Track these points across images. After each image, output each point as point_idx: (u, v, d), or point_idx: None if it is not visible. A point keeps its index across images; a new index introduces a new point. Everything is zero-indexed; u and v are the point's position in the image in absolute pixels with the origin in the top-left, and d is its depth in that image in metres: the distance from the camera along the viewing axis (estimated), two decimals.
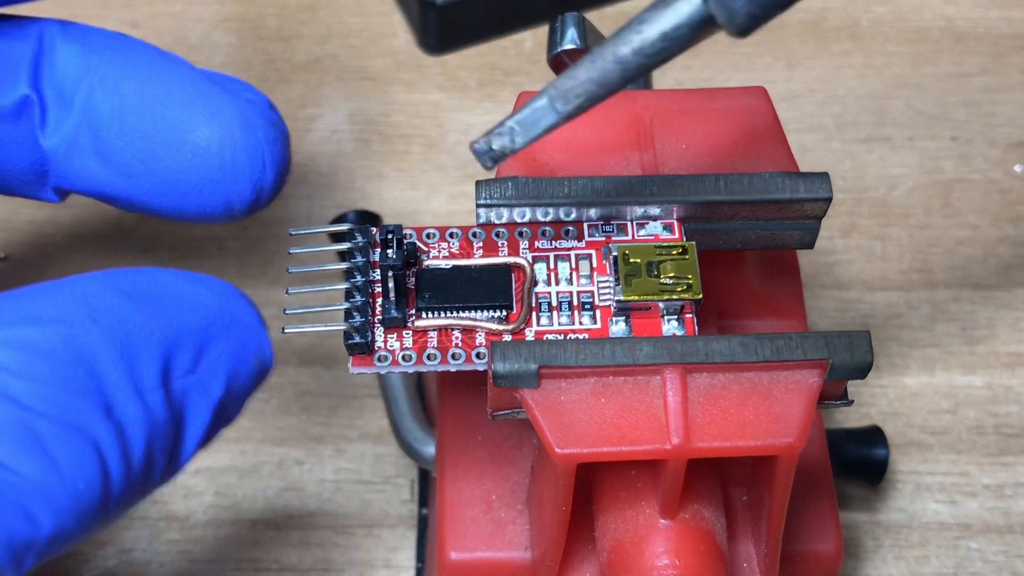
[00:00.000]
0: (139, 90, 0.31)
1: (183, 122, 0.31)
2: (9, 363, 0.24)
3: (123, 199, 0.32)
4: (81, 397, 0.25)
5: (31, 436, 0.24)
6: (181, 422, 0.27)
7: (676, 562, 0.30)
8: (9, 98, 0.31)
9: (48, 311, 0.25)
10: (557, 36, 0.35)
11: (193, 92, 0.31)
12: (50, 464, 0.24)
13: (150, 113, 0.31)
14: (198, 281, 0.28)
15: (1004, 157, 0.49)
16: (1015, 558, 0.41)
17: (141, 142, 0.31)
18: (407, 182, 0.49)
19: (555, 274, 0.31)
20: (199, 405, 0.27)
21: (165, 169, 0.31)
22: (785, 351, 0.29)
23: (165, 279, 0.27)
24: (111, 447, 0.25)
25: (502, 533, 0.34)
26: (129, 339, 0.26)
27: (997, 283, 0.46)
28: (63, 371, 0.25)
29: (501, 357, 0.28)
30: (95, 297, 0.26)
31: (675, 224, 0.31)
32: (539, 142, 0.32)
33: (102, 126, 0.31)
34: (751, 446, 0.28)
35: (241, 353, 0.28)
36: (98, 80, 0.31)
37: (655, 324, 0.30)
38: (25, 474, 0.23)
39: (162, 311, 0.27)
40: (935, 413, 0.44)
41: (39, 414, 0.24)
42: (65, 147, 0.32)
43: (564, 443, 0.28)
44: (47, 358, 0.25)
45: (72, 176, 0.32)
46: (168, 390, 0.26)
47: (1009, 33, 0.53)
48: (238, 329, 0.28)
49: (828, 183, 0.31)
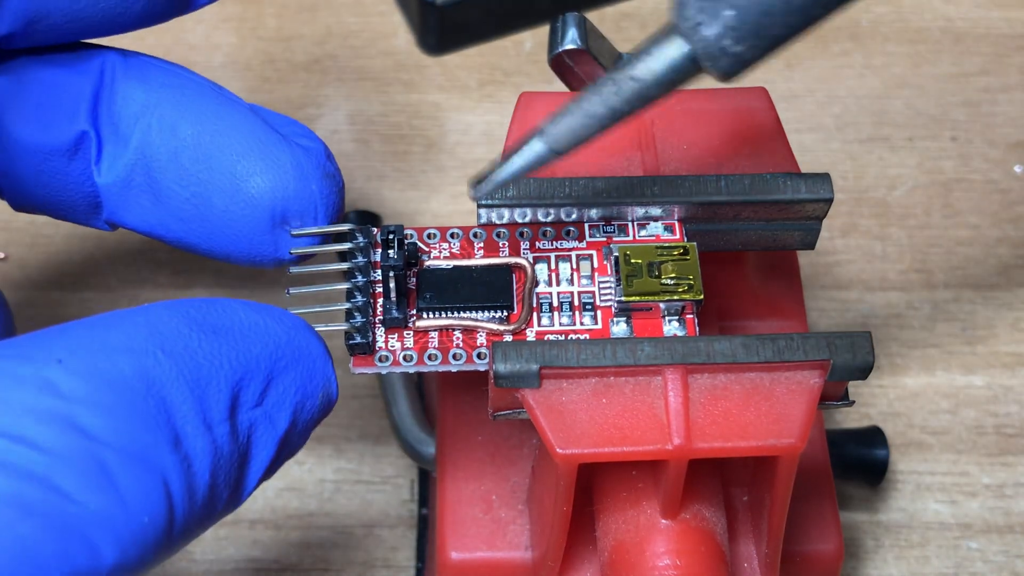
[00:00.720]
0: (196, 133, 0.31)
1: (238, 170, 0.31)
2: (80, 393, 0.24)
3: (173, 239, 0.32)
4: (150, 430, 0.24)
5: (99, 467, 0.23)
6: (247, 455, 0.27)
7: (677, 562, 0.30)
8: (68, 134, 0.31)
9: (120, 340, 0.25)
10: (558, 36, 0.35)
11: (250, 139, 0.31)
12: (116, 496, 0.24)
13: (206, 158, 0.31)
14: (267, 313, 0.28)
15: (1004, 157, 0.49)
16: (1015, 558, 0.41)
17: (196, 187, 0.31)
18: (407, 182, 0.49)
19: (556, 274, 0.31)
20: (265, 438, 0.27)
21: (218, 215, 0.31)
22: (786, 352, 0.29)
23: (235, 310, 0.27)
24: (177, 480, 0.25)
25: (502, 533, 0.34)
26: (199, 371, 0.26)
27: (997, 283, 0.46)
28: (133, 402, 0.24)
29: (502, 357, 0.28)
30: (167, 327, 0.26)
31: (676, 224, 0.31)
32: None
33: (157, 167, 0.31)
34: (752, 447, 0.28)
35: (308, 387, 0.28)
36: (156, 119, 0.31)
37: (656, 324, 0.30)
38: (91, 506, 0.23)
39: (232, 343, 0.26)
40: (935, 413, 0.44)
41: (108, 445, 0.24)
42: (119, 185, 0.32)
43: (565, 443, 0.28)
44: (118, 389, 0.24)
45: (124, 213, 0.32)
46: (235, 423, 0.26)
47: (1009, 33, 0.53)
48: (305, 362, 0.28)
49: (829, 184, 0.31)
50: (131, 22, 0.31)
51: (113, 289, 0.46)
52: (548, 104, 0.33)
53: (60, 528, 0.23)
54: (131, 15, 0.31)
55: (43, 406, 0.23)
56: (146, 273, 0.46)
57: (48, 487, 0.23)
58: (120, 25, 0.31)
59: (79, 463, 0.23)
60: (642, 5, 0.54)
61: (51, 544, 0.23)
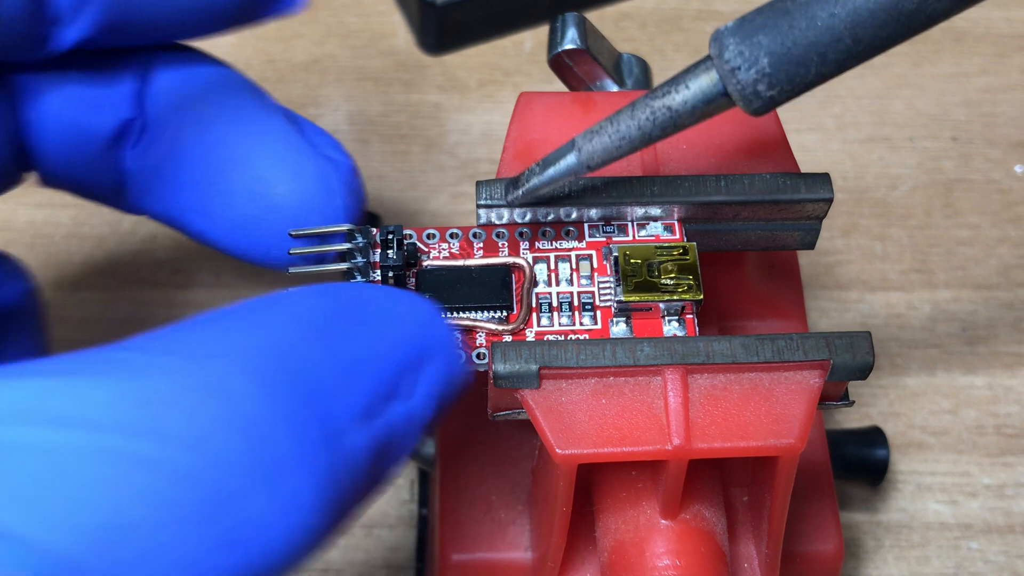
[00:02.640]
0: (228, 132, 0.31)
1: (266, 175, 0.31)
2: (238, 386, 0.23)
3: (194, 232, 0.32)
4: (316, 425, 0.23)
5: (271, 468, 0.22)
6: (396, 445, 0.26)
7: (677, 562, 0.30)
8: (114, 120, 0.31)
9: (277, 332, 0.24)
10: (557, 36, 0.35)
11: (282, 146, 0.31)
12: (274, 493, 0.22)
13: (235, 158, 0.31)
14: (409, 299, 0.27)
15: (1004, 157, 0.49)
16: (1016, 558, 0.41)
17: (221, 185, 0.31)
18: (407, 182, 0.49)
19: (556, 275, 0.31)
20: (411, 430, 0.26)
21: (239, 216, 0.31)
22: (786, 352, 0.29)
23: (380, 296, 0.26)
24: (342, 474, 0.24)
25: (502, 534, 0.34)
26: (358, 362, 0.25)
27: (997, 283, 0.46)
28: (297, 398, 0.23)
29: (502, 358, 0.28)
30: (320, 316, 0.25)
31: (676, 224, 0.31)
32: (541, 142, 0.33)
33: (186, 162, 0.31)
34: (752, 447, 0.28)
35: (450, 373, 0.27)
36: (193, 114, 0.31)
37: (656, 325, 0.30)
38: (249, 502, 0.22)
39: (386, 332, 0.26)
40: (936, 413, 0.44)
41: (276, 446, 0.23)
42: (147, 172, 0.32)
43: (565, 444, 0.28)
44: (279, 384, 0.23)
45: (147, 200, 0.32)
46: (390, 415, 0.25)
47: (1009, 33, 0.53)
48: (448, 348, 0.27)
49: (829, 184, 0.31)
50: (209, 29, 0.31)
51: (113, 289, 0.46)
52: (548, 104, 0.33)
53: (232, 531, 0.22)
54: (209, 22, 0.31)
55: (211, 408, 0.22)
56: (146, 273, 0.46)
57: (220, 491, 0.22)
58: (198, 32, 0.32)
59: (238, 460, 0.22)
60: (642, 5, 0.54)
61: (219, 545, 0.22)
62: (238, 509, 0.22)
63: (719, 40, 0.27)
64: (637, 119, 0.28)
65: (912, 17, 0.26)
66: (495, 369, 0.28)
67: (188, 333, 0.24)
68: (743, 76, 0.26)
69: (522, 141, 0.32)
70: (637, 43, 0.52)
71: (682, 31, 0.53)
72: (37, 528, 0.20)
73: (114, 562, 0.21)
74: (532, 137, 0.33)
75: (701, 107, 0.27)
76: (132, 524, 0.21)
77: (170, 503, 0.21)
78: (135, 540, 0.21)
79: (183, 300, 0.46)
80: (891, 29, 0.26)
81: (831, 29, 0.26)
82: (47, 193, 0.42)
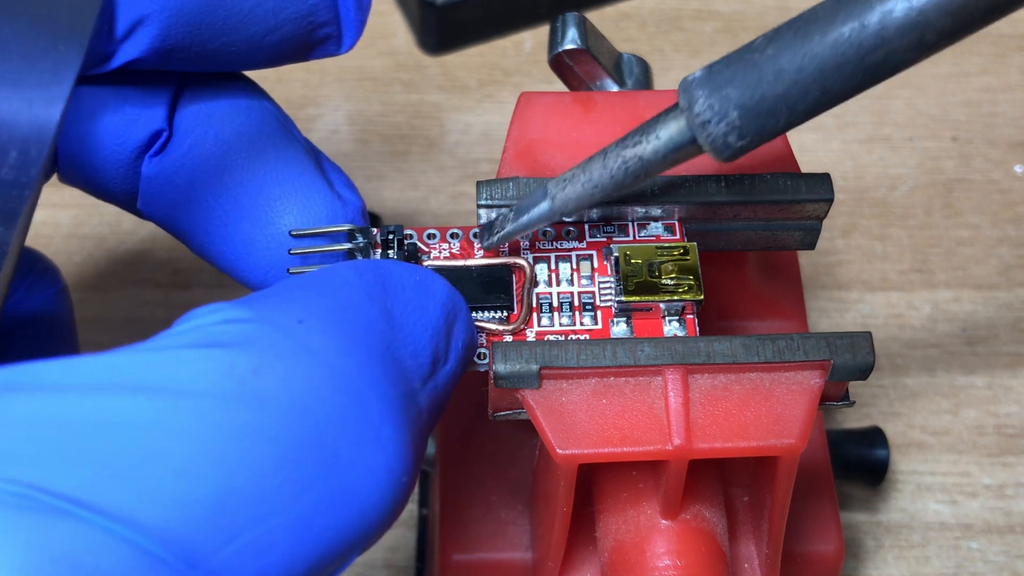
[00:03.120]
0: (246, 156, 0.31)
1: (274, 206, 0.31)
2: (330, 349, 0.23)
3: (193, 245, 0.32)
4: (395, 385, 0.24)
5: (370, 427, 0.23)
6: (441, 405, 0.27)
7: (677, 563, 0.30)
8: (146, 131, 0.31)
9: (344, 300, 0.25)
10: (558, 36, 0.35)
11: (295, 178, 0.31)
12: (373, 450, 0.23)
13: (247, 183, 0.31)
14: (425, 271, 0.28)
15: (1004, 157, 0.49)
16: (1016, 558, 0.41)
17: (228, 206, 0.31)
18: (407, 182, 0.49)
19: (556, 275, 0.31)
20: (449, 389, 0.27)
21: (241, 240, 0.31)
22: (787, 352, 0.29)
23: (403, 269, 0.27)
24: (418, 437, 0.24)
25: (503, 534, 0.34)
26: (411, 326, 0.26)
27: (997, 283, 0.46)
28: (377, 360, 0.24)
29: (502, 358, 0.28)
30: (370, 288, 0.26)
31: (676, 225, 0.31)
32: (541, 142, 0.33)
33: (200, 176, 0.31)
34: (752, 447, 0.28)
35: (469, 338, 0.28)
36: (214, 131, 0.31)
37: (656, 325, 0.30)
38: (352, 460, 0.23)
39: (422, 300, 0.27)
40: (936, 413, 0.44)
41: (370, 405, 0.23)
42: (159, 179, 0.32)
43: (565, 444, 0.28)
44: (362, 347, 0.24)
45: (155, 207, 0.32)
46: (436, 376, 0.26)
47: (1009, 33, 0.53)
48: (464, 312, 0.28)
49: (830, 184, 0.31)
50: (256, 63, 0.32)
51: (113, 289, 0.46)
52: (548, 104, 0.33)
53: (337, 490, 0.22)
54: (259, 59, 0.31)
55: (309, 371, 0.23)
56: (146, 273, 0.46)
57: (325, 450, 0.22)
58: (245, 65, 0.32)
59: (350, 425, 0.23)
60: (642, 5, 0.54)
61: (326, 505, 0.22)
62: (342, 467, 0.23)
63: (688, 92, 0.27)
64: (609, 168, 0.28)
65: (879, 68, 0.26)
66: (496, 369, 0.28)
67: (269, 300, 0.24)
68: (713, 129, 0.27)
69: (523, 141, 0.32)
70: (637, 43, 0.52)
71: (682, 31, 0.53)
72: (144, 506, 0.20)
73: (224, 533, 0.21)
74: (533, 137, 0.32)
75: (672, 156, 0.28)
76: (240, 493, 0.21)
77: (277, 467, 0.22)
78: (244, 509, 0.21)
79: (183, 300, 0.46)
80: (858, 80, 0.26)
81: (799, 83, 0.26)
82: (47, 193, 0.42)
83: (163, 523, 0.20)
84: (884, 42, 0.25)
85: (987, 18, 0.25)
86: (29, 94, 0.24)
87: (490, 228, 0.30)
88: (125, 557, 0.20)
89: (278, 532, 0.22)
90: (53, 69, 0.24)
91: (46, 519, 0.20)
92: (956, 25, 0.25)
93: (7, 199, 0.25)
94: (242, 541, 0.21)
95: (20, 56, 0.24)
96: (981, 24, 0.25)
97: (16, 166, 0.25)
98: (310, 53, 0.32)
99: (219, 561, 0.21)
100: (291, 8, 0.30)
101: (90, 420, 0.21)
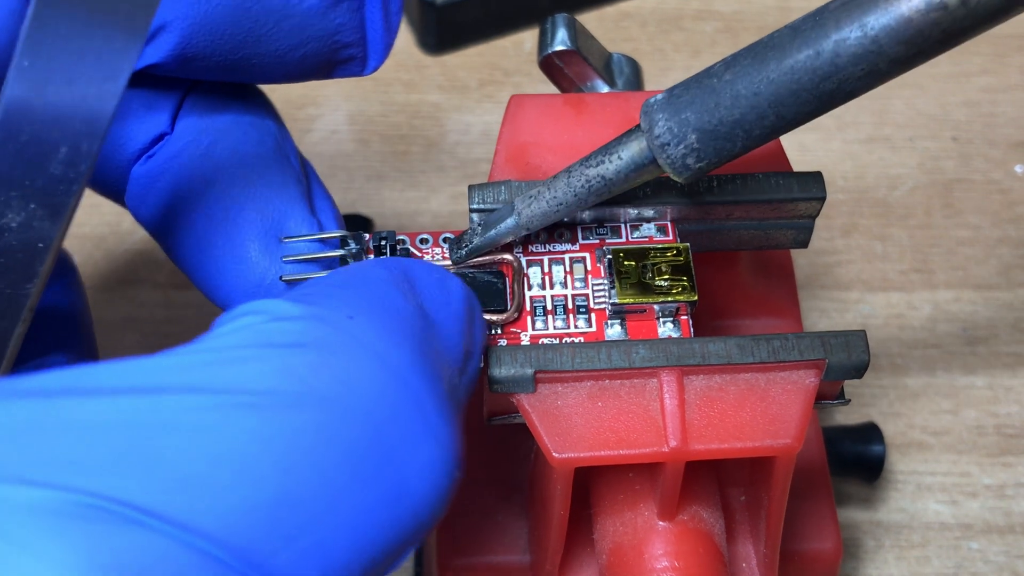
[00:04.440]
0: (232, 173, 0.31)
1: (247, 231, 0.30)
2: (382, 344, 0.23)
3: (171, 253, 0.32)
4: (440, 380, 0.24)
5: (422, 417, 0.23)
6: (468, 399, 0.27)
7: (675, 564, 0.30)
8: (148, 136, 0.31)
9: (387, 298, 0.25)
10: (547, 38, 0.35)
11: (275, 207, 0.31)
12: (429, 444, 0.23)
13: (229, 203, 0.31)
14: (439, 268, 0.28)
15: (1004, 157, 0.49)
16: (1016, 558, 0.41)
17: (206, 221, 0.31)
18: (407, 182, 0.49)
19: (550, 277, 0.31)
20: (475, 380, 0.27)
21: (210, 257, 0.31)
22: (781, 352, 0.29)
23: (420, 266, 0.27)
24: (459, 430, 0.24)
25: (501, 536, 0.34)
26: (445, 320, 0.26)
27: (997, 283, 0.46)
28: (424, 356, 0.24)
29: (497, 362, 0.28)
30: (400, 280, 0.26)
31: (669, 225, 0.31)
32: (533, 145, 0.33)
33: (180, 184, 0.31)
34: (749, 447, 0.28)
35: (486, 334, 0.28)
36: (207, 142, 0.31)
37: (651, 326, 0.30)
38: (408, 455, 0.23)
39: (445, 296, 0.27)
40: (936, 413, 0.44)
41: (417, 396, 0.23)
42: (144, 181, 0.31)
43: (562, 447, 0.28)
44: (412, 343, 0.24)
45: (140, 207, 0.32)
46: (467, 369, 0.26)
47: (1009, 33, 0.53)
48: (479, 311, 0.28)
49: (821, 182, 0.31)
50: (275, 78, 0.31)
51: (113, 289, 0.46)
52: (539, 106, 0.33)
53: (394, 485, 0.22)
54: (278, 74, 0.31)
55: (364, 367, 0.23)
56: (145, 273, 0.46)
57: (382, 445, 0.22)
58: (263, 79, 0.31)
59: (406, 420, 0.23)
60: (642, 5, 0.54)
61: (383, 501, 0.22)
62: (399, 462, 0.22)
63: (649, 115, 0.28)
64: (573, 187, 0.29)
65: (833, 95, 0.26)
66: (491, 374, 0.28)
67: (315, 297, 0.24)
68: (672, 151, 0.27)
69: (514, 144, 0.32)
70: (637, 43, 0.52)
71: (682, 31, 0.53)
72: (208, 510, 0.20)
73: (287, 534, 0.21)
74: (524, 140, 0.32)
75: (633, 175, 0.29)
76: (302, 494, 0.21)
77: (339, 465, 0.22)
78: (306, 509, 0.21)
79: (183, 300, 0.46)
80: (813, 106, 0.27)
81: (756, 108, 0.27)
82: None
83: (226, 527, 0.20)
84: (838, 70, 0.26)
85: (939, 47, 0.25)
86: (83, 89, 0.24)
87: (458, 242, 0.31)
88: (190, 563, 0.20)
89: (340, 530, 0.21)
90: (108, 64, 0.24)
91: (111, 527, 0.19)
92: (909, 53, 0.25)
93: (55, 194, 0.25)
94: (304, 542, 0.21)
95: (75, 50, 0.23)
96: (934, 52, 0.25)
97: (66, 161, 0.24)
98: (333, 72, 0.32)
99: (281, 561, 0.21)
100: (317, 27, 0.30)
101: (154, 423, 0.21)
